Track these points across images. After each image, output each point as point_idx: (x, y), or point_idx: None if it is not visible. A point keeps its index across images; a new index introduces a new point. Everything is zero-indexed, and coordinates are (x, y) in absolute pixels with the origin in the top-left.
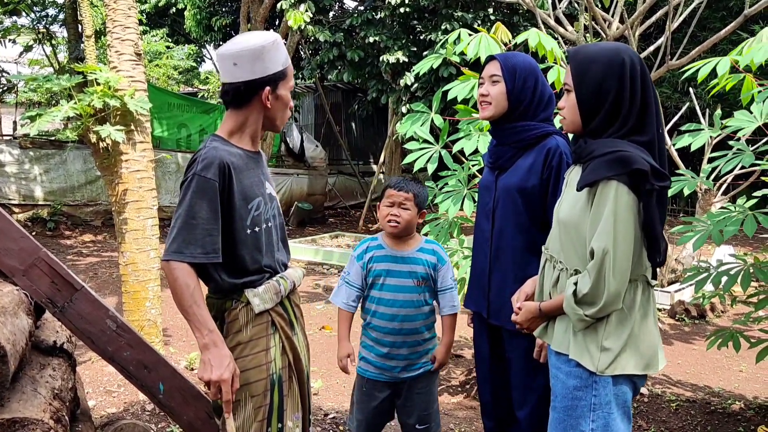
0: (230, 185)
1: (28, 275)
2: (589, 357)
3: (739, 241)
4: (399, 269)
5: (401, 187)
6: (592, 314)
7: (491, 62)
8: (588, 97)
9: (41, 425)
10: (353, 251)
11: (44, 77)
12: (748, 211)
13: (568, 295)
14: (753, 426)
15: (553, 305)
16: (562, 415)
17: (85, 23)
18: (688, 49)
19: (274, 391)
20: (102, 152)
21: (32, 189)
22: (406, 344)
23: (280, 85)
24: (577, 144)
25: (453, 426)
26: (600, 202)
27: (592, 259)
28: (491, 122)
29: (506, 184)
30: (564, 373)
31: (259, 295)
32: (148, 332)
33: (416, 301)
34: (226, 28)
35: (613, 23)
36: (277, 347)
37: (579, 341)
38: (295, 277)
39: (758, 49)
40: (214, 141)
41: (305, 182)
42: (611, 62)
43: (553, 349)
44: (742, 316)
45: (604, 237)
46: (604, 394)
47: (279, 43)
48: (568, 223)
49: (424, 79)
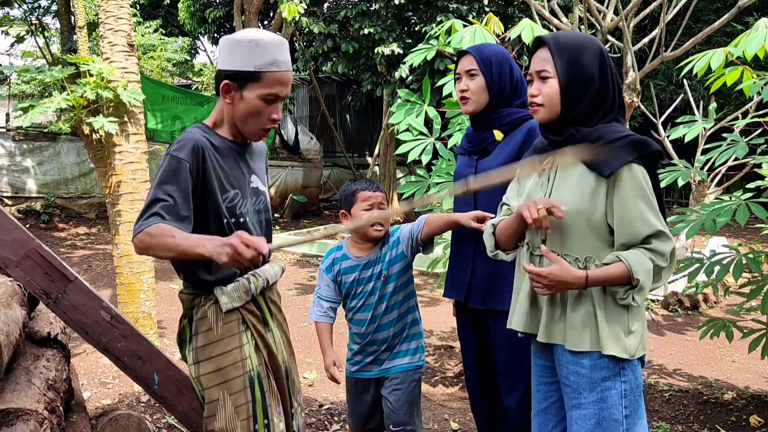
0: (204, 167)
1: (21, 266)
2: (620, 345)
3: (733, 232)
4: (366, 275)
5: (375, 187)
6: (660, 284)
7: (465, 56)
8: (574, 83)
9: (35, 416)
10: (321, 264)
11: (37, 68)
12: (741, 201)
13: (649, 273)
14: (745, 415)
15: (604, 279)
16: (592, 409)
17: (78, 14)
18: (683, 41)
19: (254, 388)
20: (95, 144)
21: (25, 181)
22: (381, 342)
23: (248, 86)
24: (564, 133)
25: (447, 417)
26: (630, 186)
27: (654, 240)
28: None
29: (488, 167)
30: (587, 368)
31: (227, 294)
32: (143, 324)
33: (385, 295)
34: (219, 19)
35: (608, 15)
36: (250, 344)
37: (607, 332)
38: (269, 274)
39: (753, 39)
40: (194, 127)
41: (300, 175)
42: (593, 49)
43: (569, 348)
44: (734, 307)
45: (657, 217)
46: (633, 378)
47: (264, 46)
48: (577, 211)
49: (419, 72)
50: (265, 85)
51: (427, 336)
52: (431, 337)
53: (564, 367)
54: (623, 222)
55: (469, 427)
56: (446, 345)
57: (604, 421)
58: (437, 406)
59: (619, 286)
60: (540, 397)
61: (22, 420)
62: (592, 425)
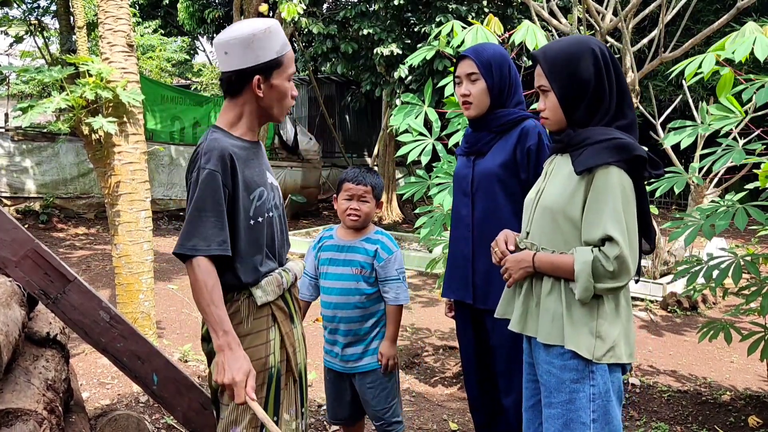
0: (234, 175)
1: (20, 266)
2: (584, 345)
3: (731, 233)
4: (341, 258)
5: (359, 180)
6: (607, 288)
7: (464, 60)
8: (567, 92)
9: (35, 416)
10: (312, 242)
11: (36, 69)
12: (738, 204)
13: (586, 264)
14: (743, 416)
15: (551, 262)
16: (561, 410)
17: (77, 14)
18: (682, 41)
19: (271, 385)
20: (94, 144)
21: (24, 182)
22: (343, 333)
23: (275, 74)
24: (563, 134)
25: (446, 417)
26: (601, 187)
27: (607, 243)
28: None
29: (486, 167)
30: (557, 368)
31: (261, 287)
32: (142, 324)
33: (352, 289)
34: (219, 20)
35: (607, 16)
36: (276, 340)
37: (573, 329)
38: (296, 270)
39: (741, 44)
40: (214, 132)
41: (299, 175)
42: (581, 53)
43: (540, 341)
44: (733, 308)
45: (617, 221)
46: (602, 383)
47: (273, 30)
48: (555, 209)
49: (418, 72)
50: (287, 65)
51: (427, 336)
52: (431, 337)
53: (539, 365)
54: (585, 221)
55: (468, 427)
56: (446, 345)
57: (572, 422)
58: (436, 407)
59: (572, 281)
60: (527, 394)
61: (22, 420)
62: (560, 425)
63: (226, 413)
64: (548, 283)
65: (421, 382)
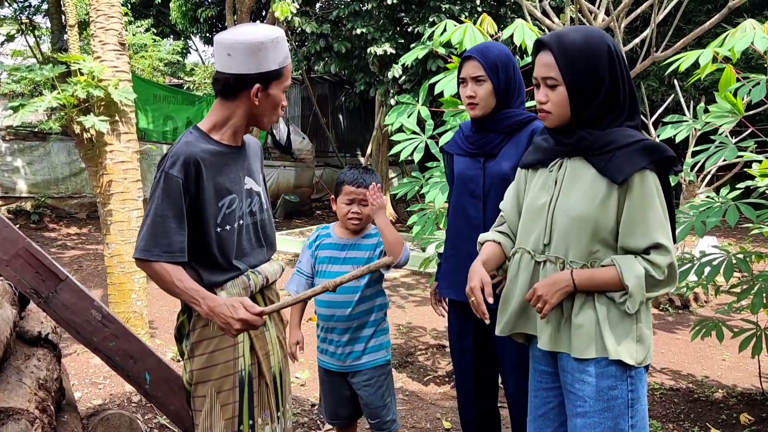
0: (198, 182)
1: (11, 265)
2: (627, 352)
3: (723, 231)
4: (342, 256)
5: (360, 183)
6: (657, 296)
7: (470, 61)
8: (582, 88)
9: (26, 415)
10: (307, 240)
11: (27, 67)
12: (731, 201)
13: (639, 279)
14: (735, 414)
15: (591, 278)
16: (597, 418)
17: (69, 13)
18: (673, 41)
19: (243, 388)
20: (86, 143)
21: (15, 181)
22: (341, 331)
23: (273, 85)
24: (574, 136)
25: (440, 416)
26: (641, 194)
27: (654, 251)
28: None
29: (499, 170)
30: (594, 376)
31: (226, 290)
32: (134, 324)
33: (351, 287)
34: (212, 19)
35: (599, 15)
36: (245, 343)
37: (616, 339)
38: (269, 272)
39: (740, 38)
40: (189, 135)
41: (292, 174)
42: (600, 50)
43: (575, 357)
44: (725, 306)
45: (662, 227)
46: (640, 387)
47: (281, 41)
48: (585, 218)
49: (411, 72)
50: (285, 77)
51: (421, 335)
52: (425, 336)
53: (569, 374)
54: (626, 229)
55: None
56: (439, 344)
57: (610, 430)
58: (429, 405)
59: (615, 292)
60: (538, 402)
61: (13, 419)
62: None
63: (200, 419)
64: (580, 299)
65: (414, 381)
